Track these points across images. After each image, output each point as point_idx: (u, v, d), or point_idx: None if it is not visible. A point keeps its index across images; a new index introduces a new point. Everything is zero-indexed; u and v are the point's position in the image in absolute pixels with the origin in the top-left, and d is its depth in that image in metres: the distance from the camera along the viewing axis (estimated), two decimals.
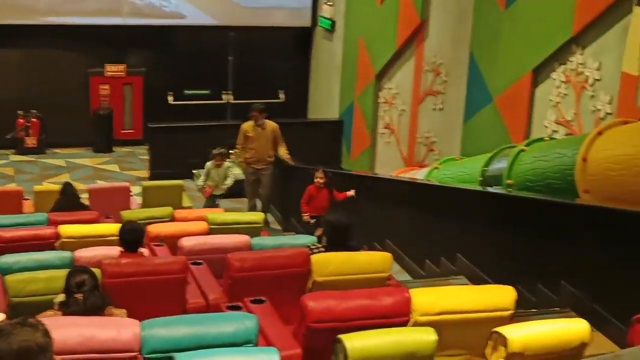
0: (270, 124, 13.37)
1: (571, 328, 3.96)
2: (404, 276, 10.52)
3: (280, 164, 13.70)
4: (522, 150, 9.93)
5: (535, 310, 7.54)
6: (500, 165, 10.34)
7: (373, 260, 6.78)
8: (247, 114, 13.46)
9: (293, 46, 19.92)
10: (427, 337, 3.62)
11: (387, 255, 6.87)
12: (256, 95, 16.61)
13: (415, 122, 14.83)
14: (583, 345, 3.95)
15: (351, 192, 11.15)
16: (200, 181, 13.54)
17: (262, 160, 13.42)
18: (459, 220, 9.56)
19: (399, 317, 4.98)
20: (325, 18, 18.42)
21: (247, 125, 13.35)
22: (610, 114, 10.07)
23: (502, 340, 3.77)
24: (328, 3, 18.27)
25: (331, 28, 18.20)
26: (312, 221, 11.05)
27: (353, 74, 17.10)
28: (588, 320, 7.24)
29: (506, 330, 3.82)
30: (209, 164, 13.27)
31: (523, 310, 6.84)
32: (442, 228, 10.25)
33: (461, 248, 9.84)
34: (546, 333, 3.89)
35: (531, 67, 11.42)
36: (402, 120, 15.39)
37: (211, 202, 13.30)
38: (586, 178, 8.47)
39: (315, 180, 11.14)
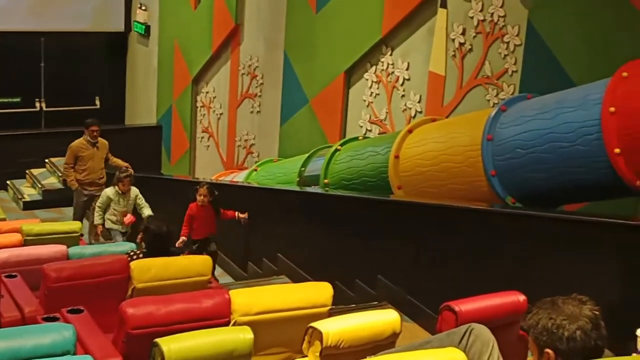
0: (102, 142, 12.17)
1: (383, 319, 4.10)
2: (227, 279, 10.56)
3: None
4: (338, 150, 10.16)
5: (354, 305, 7.74)
6: (317, 165, 10.53)
7: (193, 265, 6.76)
8: (85, 128, 12.08)
9: (108, 51, 19.52)
10: (243, 336, 3.67)
11: (207, 259, 6.87)
12: (71, 102, 16.22)
13: (234, 125, 14.87)
14: (395, 334, 4.10)
15: (244, 215, 10.08)
16: (97, 217, 10.77)
17: (95, 183, 12.10)
18: (279, 221, 9.69)
19: (220, 318, 5.01)
20: (139, 23, 18.16)
21: (80, 143, 12.01)
22: (420, 112, 10.44)
23: (318, 334, 3.87)
24: (142, 8, 18.04)
25: (146, 33, 17.98)
26: (195, 246, 9.82)
27: (170, 79, 16.96)
28: (404, 312, 7.58)
29: (321, 324, 3.92)
30: (109, 191, 10.70)
31: (342, 306, 7.02)
32: (263, 229, 10.35)
33: (282, 248, 9.97)
34: (360, 325, 4.01)
35: (344, 68, 11.69)
36: (221, 123, 15.40)
37: (108, 236, 10.96)
38: (399, 174, 8.76)
39: (198, 197, 9.80)
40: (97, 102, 18.74)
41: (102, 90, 19.03)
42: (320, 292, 5.34)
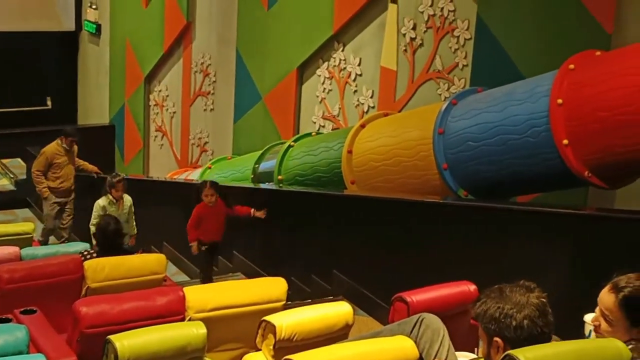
0: (74, 147, 11.62)
1: (336, 312, 4.13)
2: (182, 277, 10.53)
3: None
4: (291, 146, 10.18)
5: (309, 300, 7.77)
6: (271, 162, 10.55)
7: (147, 263, 6.74)
8: (62, 135, 11.47)
9: (59, 51, 19.34)
10: (196, 330, 3.67)
11: (161, 257, 6.85)
12: (22, 102, 16.02)
13: (187, 123, 14.83)
14: (347, 326, 4.13)
15: (260, 213, 9.10)
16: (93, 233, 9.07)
17: (67, 190, 11.61)
18: (233, 219, 9.67)
19: (174, 316, 5.00)
20: (90, 22, 18.03)
21: (55, 150, 11.35)
22: (372, 107, 10.49)
23: (271, 328, 3.89)
24: (92, 6, 17.90)
25: (97, 32, 17.85)
26: (204, 248, 9.10)
27: (122, 78, 16.86)
28: (360, 306, 7.64)
29: (274, 318, 3.94)
30: (102, 201, 9.58)
31: (298, 302, 7.06)
32: None
33: (238, 246, 9.97)
34: (313, 318, 4.04)
35: (296, 64, 11.70)
36: (174, 122, 15.34)
37: None
38: (352, 169, 8.81)
39: (205, 198, 8.97)
40: (49, 102, 18.57)
41: (53, 90, 18.86)
42: (275, 287, 5.36)
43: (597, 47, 6.93)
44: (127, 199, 9.74)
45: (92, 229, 9.04)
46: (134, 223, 9.83)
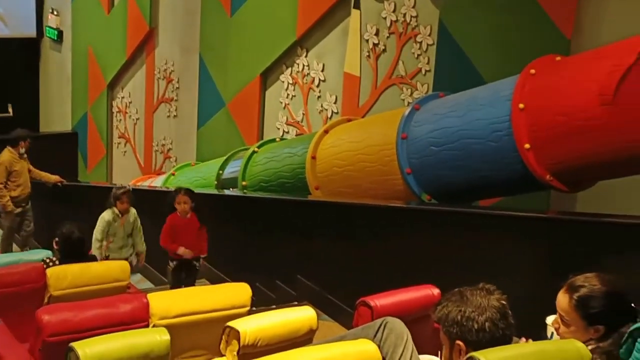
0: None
1: (299, 317, 4.13)
2: (146, 284, 10.46)
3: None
4: (255, 152, 10.18)
5: (274, 306, 7.76)
6: (234, 168, 10.53)
7: (111, 270, 6.68)
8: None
9: (20, 58, 19.14)
10: (160, 337, 3.65)
11: (124, 264, 6.80)
12: None
13: (151, 130, 14.77)
14: (311, 331, 4.13)
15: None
16: (95, 249, 8.64)
17: (27, 197, 11.11)
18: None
19: (138, 322, 4.97)
20: (51, 28, 17.90)
21: (11, 157, 10.87)
22: (336, 112, 10.52)
23: (235, 333, 3.88)
24: (53, 13, 17.78)
25: (58, 38, 17.73)
26: (173, 265, 8.30)
27: (84, 85, 16.75)
28: (324, 311, 7.64)
29: (238, 323, 3.93)
30: (107, 215, 8.76)
31: (263, 307, 7.04)
32: None
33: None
34: (277, 323, 4.03)
35: (260, 70, 11.71)
36: (138, 129, 15.27)
37: None
38: (316, 175, 8.81)
39: (178, 207, 8.18)
40: (10, 110, 18.39)
41: (14, 97, 18.67)
42: (239, 293, 5.34)
43: (557, 52, 7.00)
44: (132, 212, 8.97)
45: (94, 241, 8.58)
46: (142, 238, 9.02)
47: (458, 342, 3.14)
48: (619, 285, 3.48)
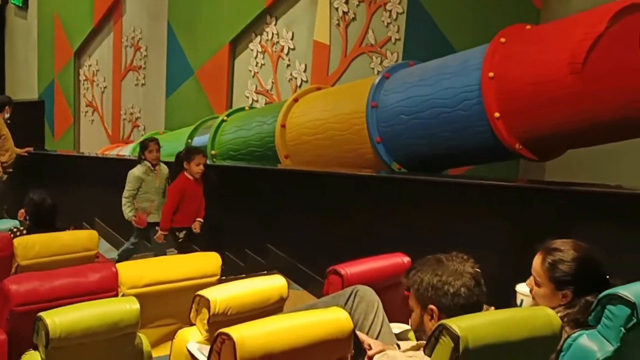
0: None
1: (270, 285, 4.12)
2: (115, 254, 10.41)
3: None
4: (224, 121, 10.13)
5: (244, 275, 7.75)
6: (204, 137, 10.47)
7: (79, 239, 6.62)
8: None
9: None
10: (129, 306, 3.62)
11: (93, 234, 6.74)
12: None
13: (119, 98, 14.64)
14: (282, 299, 4.12)
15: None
16: (127, 209, 8.32)
17: (12, 163, 10.86)
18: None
19: (107, 292, 4.94)
20: None
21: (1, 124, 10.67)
22: (305, 81, 10.48)
23: (205, 302, 3.86)
24: None
25: (24, 5, 17.47)
26: (181, 235, 8.03)
27: (50, 52, 16.55)
28: (294, 280, 7.63)
29: (208, 292, 3.91)
30: (137, 171, 8.33)
31: (233, 277, 7.03)
32: None
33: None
34: (247, 292, 4.02)
35: (229, 39, 11.62)
36: (105, 97, 15.13)
37: (144, 234, 8.53)
38: (285, 144, 8.79)
39: (195, 168, 7.76)
40: None
41: None
42: (209, 262, 5.32)
43: (527, 21, 7.00)
44: (164, 168, 8.48)
45: (125, 201, 8.28)
46: None
47: (431, 306, 3.15)
48: (594, 254, 3.51)
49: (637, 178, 7.29)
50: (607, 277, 3.46)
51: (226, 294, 3.91)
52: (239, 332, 3.05)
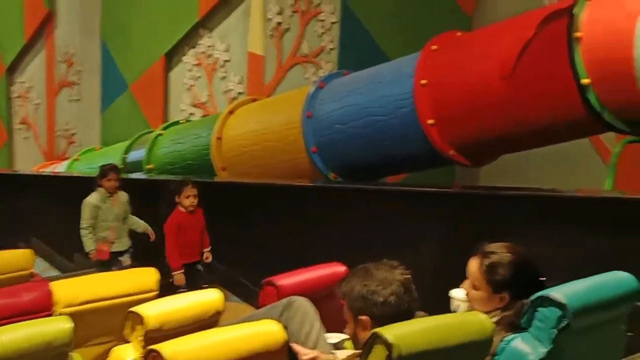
0: None
1: (205, 299, 4.09)
2: (54, 272, 10.26)
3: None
4: (160, 135, 10.05)
5: (185, 290, 7.68)
6: (140, 151, 10.39)
7: (13, 259, 6.52)
8: None
9: None
10: (62, 325, 3.57)
11: (27, 252, 6.64)
12: None
13: (53, 115, 14.45)
14: (218, 313, 4.09)
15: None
16: (88, 241, 7.93)
17: None
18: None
19: (42, 311, 4.86)
20: None
21: None
22: (241, 93, 10.45)
23: (139, 318, 3.82)
24: None
25: None
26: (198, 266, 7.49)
27: None
28: (234, 293, 7.59)
29: (141, 308, 3.86)
30: (92, 199, 7.95)
31: (171, 292, 6.95)
32: None
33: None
34: (182, 306, 3.98)
35: (162, 52, 11.55)
36: (39, 113, 14.92)
37: (106, 267, 7.66)
38: (222, 156, 8.75)
39: (186, 201, 7.30)
40: None
41: None
42: (146, 277, 5.26)
43: (458, 28, 7.07)
44: (123, 195, 8.18)
45: (83, 232, 7.90)
46: (139, 221, 8.33)
47: (363, 316, 3.15)
48: (529, 257, 3.53)
49: (569, 181, 7.40)
50: (543, 279, 3.49)
51: (160, 310, 3.88)
52: (170, 348, 3.03)
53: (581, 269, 3.63)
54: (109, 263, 7.99)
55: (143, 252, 8.24)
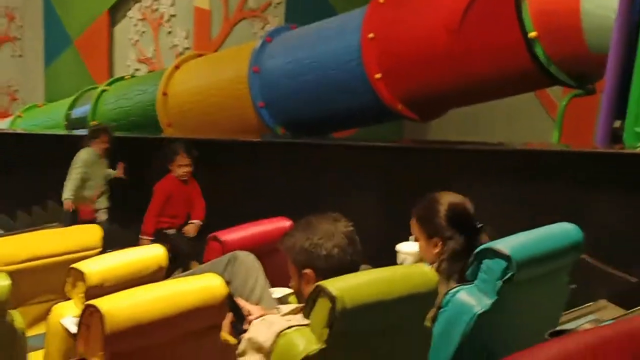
0: None
1: (148, 255, 4.02)
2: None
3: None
4: (105, 91, 9.90)
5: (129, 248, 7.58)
6: (84, 107, 10.23)
7: None
8: None
9: None
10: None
11: None
12: None
13: None
14: (161, 269, 4.02)
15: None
16: (69, 191, 7.70)
17: None
18: (49, 166, 9.31)
19: None
20: None
21: None
22: (188, 48, 10.31)
23: (80, 275, 3.74)
24: None
25: None
26: (171, 231, 7.02)
27: None
28: None
29: (83, 265, 3.78)
30: (85, 153, 7.75)
31: (116, 250, 6.86)
32: (33, 175, 9.93)
33: (53, 194, 9.62)
34: (124, 263, 3.90)
35: (107, 6, 11.34)
36: None
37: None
38: (168, 112, 8.64)
39: (178, 169, 7.01)
40: None
41: None
42: (90, 235, 5.18)
43: None
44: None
45: (70, 188, 7.66)
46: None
47: (306, 270, 3.10)
48: (464, 203, 3.52)
49: (516, 135, 7.42)
50: (479, 226, 3.48)
51: (102, 266, 3.80)
52: (107, 303, 2.96)
53: (528, 222, 3.62)
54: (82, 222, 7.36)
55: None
